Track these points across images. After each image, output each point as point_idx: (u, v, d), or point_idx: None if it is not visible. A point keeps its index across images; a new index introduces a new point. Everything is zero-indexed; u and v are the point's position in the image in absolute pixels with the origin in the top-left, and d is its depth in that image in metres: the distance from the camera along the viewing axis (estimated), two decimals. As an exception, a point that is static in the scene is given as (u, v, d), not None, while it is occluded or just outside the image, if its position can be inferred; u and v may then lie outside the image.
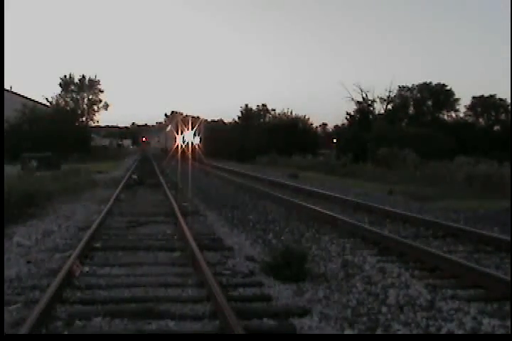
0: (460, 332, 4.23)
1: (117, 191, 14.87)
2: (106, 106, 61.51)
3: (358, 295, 5.17)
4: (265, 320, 4.45)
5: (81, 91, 60.84)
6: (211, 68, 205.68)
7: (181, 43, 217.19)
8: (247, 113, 62.24)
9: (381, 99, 48.40)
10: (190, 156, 25.23)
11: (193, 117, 40.05)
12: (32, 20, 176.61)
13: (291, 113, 54.51)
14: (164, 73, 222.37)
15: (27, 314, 4.27)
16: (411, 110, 53.98)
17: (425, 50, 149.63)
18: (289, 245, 6.76)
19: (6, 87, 38.71)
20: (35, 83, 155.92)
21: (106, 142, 71.22)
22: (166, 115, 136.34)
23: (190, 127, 33.95)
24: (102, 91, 61.39)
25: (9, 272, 5.98)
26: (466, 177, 18.00)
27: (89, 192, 15.69)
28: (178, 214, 9.76)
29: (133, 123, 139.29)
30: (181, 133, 34.91)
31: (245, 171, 26.87)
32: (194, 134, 35.65)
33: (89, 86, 61.04)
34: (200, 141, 38.05)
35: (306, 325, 4.37)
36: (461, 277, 5.78)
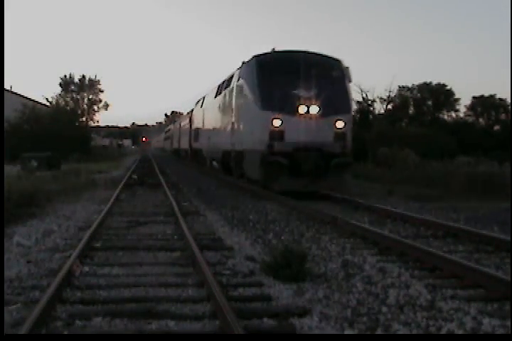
0: (460, 332, 4.23)
1: (117, 191, 14.87)
2: (106, 106, 61.88)
3: (358, 295, 5.17)
4: (265, 320, 4.44)
5: (81, 91, 61.11)
6: (211, 68, 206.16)
7: (182, 43, 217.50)
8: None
9: (381, 99, 48.37)
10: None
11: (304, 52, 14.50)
12: (32, 20, 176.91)
13: (291, 113, 54.29)
14: (164, 73, 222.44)
15: (27, 314, 4.27)
16: (411, 110, 53.97)
17: (425, 50, 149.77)
18: (288, 245, 6.75)
19: (6, 87, 38.82)
20: (35, 83, 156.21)
21: (106, 142, 71.36)
22: (166, 115, 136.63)
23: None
24: (102, 91, 61.79)
25: (9, 272, 5.98)
26: (466, 177, 17.96)
27: (90, 192, 15.68)
28: (178, 214, 9.77)
29: (133, 123, 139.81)
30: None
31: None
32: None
33: (89, 86, 61.30)
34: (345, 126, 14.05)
35: (306, 324, 4.37)
36: (461, 277, 5.78)
